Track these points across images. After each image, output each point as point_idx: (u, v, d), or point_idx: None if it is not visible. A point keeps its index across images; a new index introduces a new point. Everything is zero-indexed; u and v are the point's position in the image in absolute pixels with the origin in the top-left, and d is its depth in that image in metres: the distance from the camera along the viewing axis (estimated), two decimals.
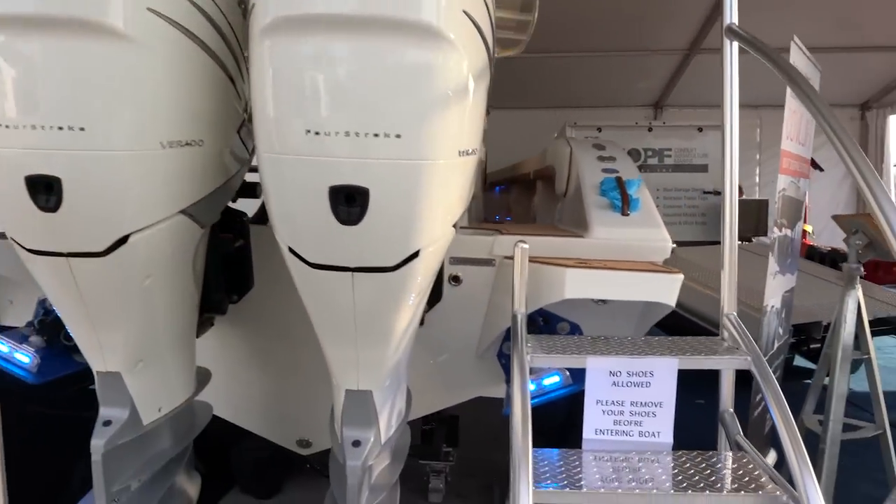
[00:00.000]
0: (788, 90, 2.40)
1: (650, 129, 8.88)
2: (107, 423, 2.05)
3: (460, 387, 2.85)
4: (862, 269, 2.89)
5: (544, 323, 2.57)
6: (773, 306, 3.07)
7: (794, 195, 3.21)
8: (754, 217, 9.06)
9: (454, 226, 1.80)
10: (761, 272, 3.61)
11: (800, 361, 5.39)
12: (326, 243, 1.63)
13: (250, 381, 2.95)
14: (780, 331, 3.38)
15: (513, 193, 7.22)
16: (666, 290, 2.37)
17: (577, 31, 9.55)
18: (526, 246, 2.11)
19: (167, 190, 1.82)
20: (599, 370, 1.86)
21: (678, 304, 5.00)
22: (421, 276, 1.75)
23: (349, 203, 1.51)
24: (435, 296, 2.39)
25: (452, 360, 2.78)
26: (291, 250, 1.68)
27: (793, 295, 3.54)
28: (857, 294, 2.88)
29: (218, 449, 3.39)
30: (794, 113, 2.92)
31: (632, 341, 2.06)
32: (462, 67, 1.50)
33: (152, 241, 1.83)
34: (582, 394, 1.99)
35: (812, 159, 10.10)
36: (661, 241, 2.59)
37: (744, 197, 9.89)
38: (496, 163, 7.07)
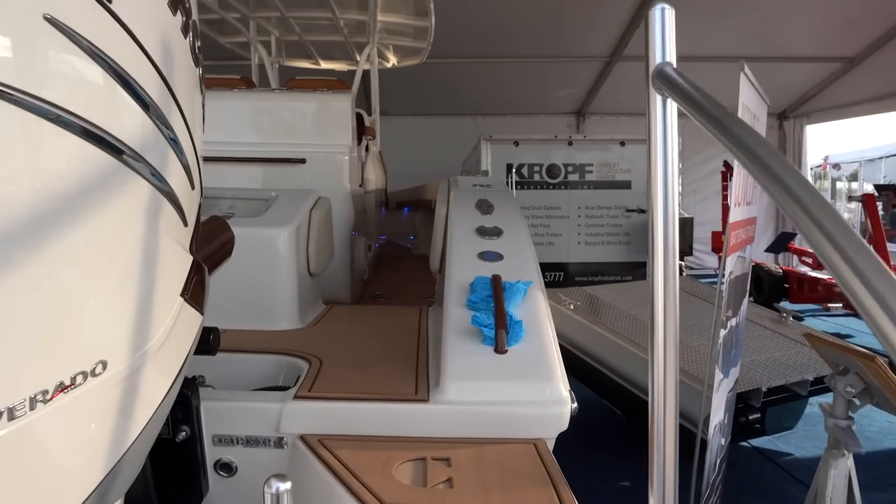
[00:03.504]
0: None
1: (570, 144, 8.19)
2: None
3: None
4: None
5: None
6: (717, 424, 2.29)
7: (742, 270, 2.43)
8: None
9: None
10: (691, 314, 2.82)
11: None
12: None
13: None
14: (723, 441, 2.61)
15: (419, 215, 6.73)
16: None
17: (498, 37, 9.06)
18: (287, 485, 1.14)
19: None
20: None
21: (610, 368, 4.25)
22: None
23: None
24: (192, 494, 1.44)
25: None
26: None
27: (736, 390, 2.78)
28: (848, 463, 1.91)
29: None
30: (741, 171, 2.14)
31: None
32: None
33: None
34: None
35: (726, 162, 9.62)
36: (554, 406, 1.55)
37: (683, 215, 9.52)
38: (413, 172, 6.76)
